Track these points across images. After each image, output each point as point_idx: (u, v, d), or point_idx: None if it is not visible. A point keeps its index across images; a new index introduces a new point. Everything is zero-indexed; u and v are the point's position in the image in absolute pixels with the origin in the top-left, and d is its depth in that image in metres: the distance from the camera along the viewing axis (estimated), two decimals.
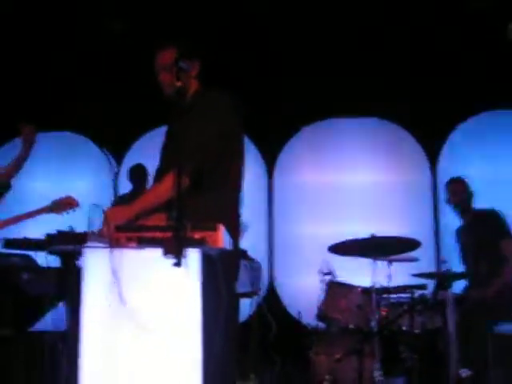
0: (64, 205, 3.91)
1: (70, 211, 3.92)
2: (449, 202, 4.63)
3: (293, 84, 5.75)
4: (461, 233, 4.61)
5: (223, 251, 2.12)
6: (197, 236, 2.03)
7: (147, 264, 2.09)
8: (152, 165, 2.83)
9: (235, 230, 2.58)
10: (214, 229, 2.06)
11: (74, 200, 3.92)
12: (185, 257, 1.98)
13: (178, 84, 2.34)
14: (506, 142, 5.70)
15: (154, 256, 2.04)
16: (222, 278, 2.10)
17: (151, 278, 2.10)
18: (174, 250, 1.94)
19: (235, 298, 2.75)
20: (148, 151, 5.68)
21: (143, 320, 2.05)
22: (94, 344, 2.16)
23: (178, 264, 1.95)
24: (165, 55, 2.66)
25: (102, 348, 2.14)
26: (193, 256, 2.04)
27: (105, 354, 2.14)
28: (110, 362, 2.10)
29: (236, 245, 2.54)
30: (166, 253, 1.96)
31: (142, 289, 2.11)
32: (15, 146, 6.15)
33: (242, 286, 3.87)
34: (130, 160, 5.97)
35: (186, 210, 2.01)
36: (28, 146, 3.97)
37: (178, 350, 2.08)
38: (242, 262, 4.14)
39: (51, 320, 4.03)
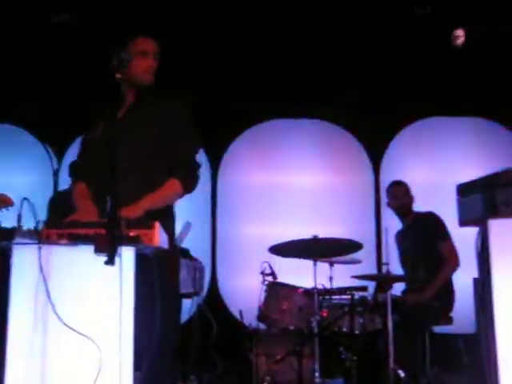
0: None
1: (4, 209, 3.76)
2: (389, 205, 4.67)
3: (238, 85, 5.72)
4: (401, 236, 4.66)
5: (159, 250, 2.05)
6: (131, 233, 1.96)
7: (78, 262, 2.00)
8: None
9: (173, 228, 2.58)
10: (150, 226, 1.99)
11: (8, 198, 3.77)
12: (118, 255, 1.91)
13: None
14: (447, 147, 5.82)
15: (85, 253, 1.95)
16: (158, 277, 2.03)
17: (83, 276, 2.02)
18: (107, 248, 1.86)
19: (175, 297, 2.68)
20: None
21: (72, 320, 1.96)
22: (21, 343, 2.06)
23: (110, 262, 1.88)
24: (155, 43, 2.71)
25: (29, 347, 2.04)
26: (127, 254, 1.97)
27: (31, 353, 2.05)
28: (37, 362, 2.01)
29: (173, 243, 2.50)
30: (98, 250, 1.89)
31: (73, 287, 2.02)
32: None
33: (183, 286, 3.82)
34: (70, 157, 5.80)
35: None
36: None
37: (109, 351, 2.01)
38: (184, 262, 4.10)
39: None
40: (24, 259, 2.05)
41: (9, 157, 6.00)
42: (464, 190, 2.55)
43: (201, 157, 5.72)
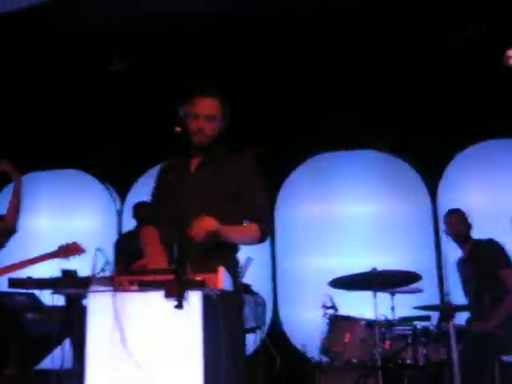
0: (70, 250, 3.98)
1: (76, 257, 3.98)
2: (447, 233, 4.65)
3: (293, 119, 5.82)
4: (461, 264, 4.62)
5: (223, 292, 2.16)
6: (197, 278, 2.07)
7: (149, 306, 2.13)
8: None
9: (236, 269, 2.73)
10: (214, 271, 2.10)
11: (79, 247, 4.00)
12: (186, 299, 2.02)
13: (213, 135, 2.73)
14: (504, 172, 5.72)
15: (155, 298, 2.07)
16: (222, 319, 2.13)
17: (153, 319, 2.14)
18: (176, 292, 1.98)
19: (241, 336, 2.75)
20: (150, 188, 5.78)
21: (145, 362, 2.08)
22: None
23: (179, 306, 1.99)
24: (212, 104, 2.76)
25: None
26: (194, 298, 2.08)
27: None
28: None
29: (237, 283, 2.61)
30: (168, 295, 2.01)
31: (145, 331, 2.15)
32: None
33: (246, 321, 3.92)
34: (133, 197, 6.04)
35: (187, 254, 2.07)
36: (18, 186, 4.05)
37: None
38: (246, 297, 4.19)
39: (56, 359, 4.06)
40: (98, 305, 2.19)
41: (74, 201, 6.28)
42: None
43: None
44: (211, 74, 5.38)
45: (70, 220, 6.18)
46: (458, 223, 4.56)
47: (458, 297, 4.56)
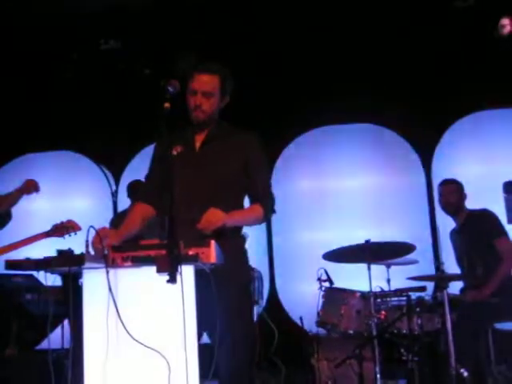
0: (65, 228, 3.98)
1: (72, 234, 3.98)
2: (441, 203, 4.65)
3: (288, 92, 5.82)
4: (455, 235, 4.64)
5: (216, 265, 2.18)
6: (190, 252, 2.10)
7: (143, 281, 2.16)
8: None
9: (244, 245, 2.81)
10: (207, 245, 2.12)
11: (75, 224, 4.00)
12: (179, 273, 2.05)
13: (212, 111, 2.71)
14: (498, 141, 5.74)
15: (149, 273, 2.10)
16: (216, 292, 2.16)
17: (147, 294, 2.17)
18: (168, 267, 2.01)
19: (247, 309, 2.74)
20: (145, 168, 5.78)
21: (140, 336, 2.11)
22: (96, 360, 2.23)
23: (171, 280, 2.02)
24: (209, 80, 2.71)
25: (103, 364, 2.20)
26: (187, 272, 2.11)
27: (106, 369, 2.21)
28: (112, 377, 2.17)
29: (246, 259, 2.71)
30: (160, 270, 2.03)
31: (139, 305, 2.18)
32: (16, 165, 6.39)
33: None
34: (127, 178, 6.05)
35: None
36: (25, 193, 4.07)
37: (176, 362, 2.15)
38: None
39: (56, 338, 4.11)
40: (93, 282, 2.21)
41: (69, 182, 6.30)
42: (511, 187, 2.57)
43: None
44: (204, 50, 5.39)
45: (65, 201, 6.20)
46: (449, 194, 4.55)
47: (454, 266, 4.60)
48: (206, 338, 2.60)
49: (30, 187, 4.09)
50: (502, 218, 4.43)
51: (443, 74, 5.69)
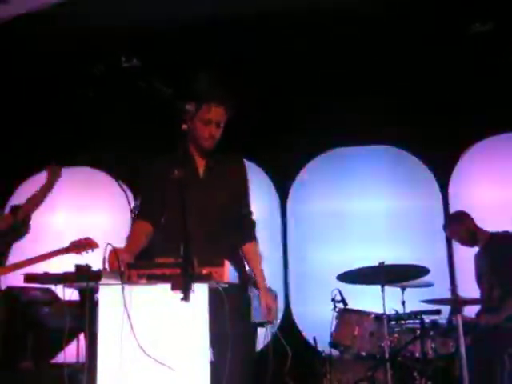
0: (84, 246, 4.04)
1: (89, 252, 4.04)
2: (458, 242, 4.66)
3: (307, 113, 5.86)
4: (477, 258, 4.60)
5: (229, 284, 2.22)
6: (203, 271, 2.14)
7: (157, 299, 2.20)
8: None
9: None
10: (221, 264, 2.17)
11: (93, 241, 4.05)
12: (192, 291, 2.09)
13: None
14: None
15: (163, 291, 2.14)
16: (228, 311, 2.20)
17: (161, 312, 2.21)
18: (182, 285, 2.05)
19: (249, 328, 2.83)
20: None
21: (154, 353, 2.15)
22: (109, 376, 2.26)
23: (185, 298, 2.06)
24: (221, 111, 2.83)
25: (116, 379, 2.24)
26: (200, 290, 2.15)
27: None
28: None
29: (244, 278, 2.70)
30: (174, 288, 2.08)
31: (153, 323, 2.22)
32: (35, 183, 6.49)
33: (256, 315, 3.97)
34: None
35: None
36: (52, 183, 4.13)
37: (189, 381, 2.18)
38: (257, 292, 4.25)
39: (71, 353, 4.15)
40: (109, 298, 2.26)
41: (88, 198, 6.37)
42: None
43: (269, 185, 6.05)
44: (217, 70, 5.46)
45: (83, 217, 6.28)
46: (455, 234, 4.57)
47: (470, 290, 4.58)
48: None
49: (53, 173, 4.14)
50: None
51: (461, 98, 5.69)
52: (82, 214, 6.30)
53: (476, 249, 4.61)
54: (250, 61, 5.55)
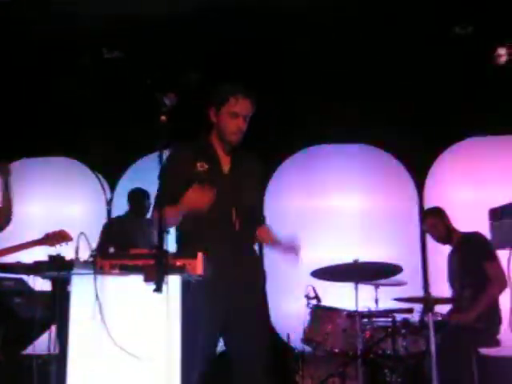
0: (57, 238, 3.99)
1: (63, 244, 3.99)
2: (432, 237, 4.69)
3: (280, 112, 5.86)
4: (450, 257, 4.64)
5: (203, 277, 2.22)
6: (177, 263, 2.13)
7: (130, 290, 2.19)
8: None
9: None
10: (194, 256, 2.16)
11: (67, 234, 3.99)
12: (165, 283, 2.08)
13: None
14: (489, 168, 5.80)
15: (136, 282, 2.14)
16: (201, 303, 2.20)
17: (134, 303, 2.20)
18: (154, 277, 2.04)
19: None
20: (141, 177, 5.83)
21: (125, 344, 2.14)
22: (80, 367, 2.25)
23: (157, 290, 2.05)
24: (248, 104, 2.85)
25: (87, 370, 2.23)
26: (173, 282, 2.15)
27: (90, 376, 2.23)
28: (94, 381, 2.20)
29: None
30: (147, 279, 2.07)
31: (125, 313, 2.21)
32: (14, 169, 6.42)
33: None
34: (123, 186, 6.10)
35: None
36: (6, 181, 4.07)
37: (158, 373, 2.17)
38: None
39: (42, 344, 4.11)
40: (81, 288, 2.25)
41: (64, 188, 6.32)
42: (496, 214, 2.62)
43: None
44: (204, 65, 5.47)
45: (59, 207, 6.23)
46: (432, 228, 4.60)
47: (442, 289, 4.63)
48: None
49: (3, 172, 4.07)
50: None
51: (440, 100, 5.75)
52: (58, 204, 6.25)
53: (448, 248, 4.66)
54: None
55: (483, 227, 4.55)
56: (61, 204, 6.27)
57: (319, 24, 5.28)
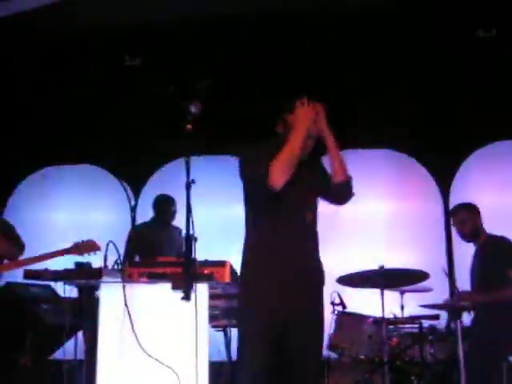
0: (86, 247, 4.02)
1: (92, 254, 4.03)
2: (458, 233, 4.58)
3: None
4: (473, 258, 4.50)
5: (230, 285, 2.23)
6: (205, 271, 2.14)
7: (158, 297, 2.20)
8: None
9: None
10: (222, 265, 2.17)
11: (96, 244, 4.02)
12: (194, 291, 2.09)
13: None
14: None
15: (164, 290, 2.15)
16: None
17: (162, 310, 2.21)
18: (183, 285, 2.05)
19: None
20: (165, 184, 5.87)
21: (154, 351, 2.15)
22: (109, 373, 2.27)
23: (186, 298, 2.06)
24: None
25: (116, 377, 2.24)
26: (201, 290, 2.15)
27: (119, 382, 2.25)
28: None
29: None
30: (175, 287, 2.08)
31: (154, 321, 2.22)
32: (37, 178, 6.52)
33: None
34: (147, 193, 6.14)
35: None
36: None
37: (188, 380, 2.18)
38: None
39: (70, 349, 4.16)
40: (110, 296, 2.26)
41: (88, 196, 6.37)
42: None
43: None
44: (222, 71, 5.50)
45: (84, 214, 6.28)
46: (461, 223, 4.45)
47: None
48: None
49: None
50: None
51: (465, 103, 5.70)
52: (83, 212, 6.30)
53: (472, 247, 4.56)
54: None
55: (508, 231, 4.53)
56: (85, 211, 6.33)
57: (348, 30, 5.29)
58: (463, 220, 4.45)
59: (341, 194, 3.10)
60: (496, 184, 5.76)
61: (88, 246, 4.00)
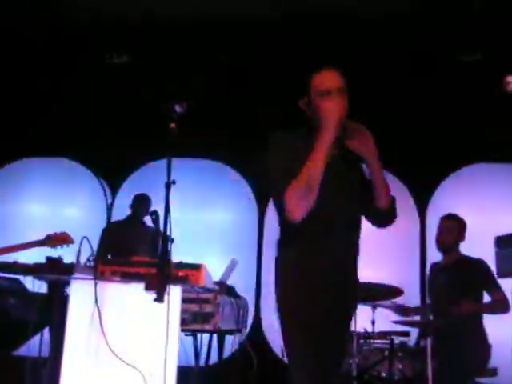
0: (58, 240, 3.96)
1: (64, 246, 3.96)
2: (437, 238, 4.52)
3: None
4: (437, 272, 4.46)
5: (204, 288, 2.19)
6: (180, 273, 2.10)
7: (130, 297, 2.16)
8: None
9: None
10: (197, 267, 2.13)
11: (69, 237, 3.96)
12: (167, 293, 2.05)
13: None
14: (493, 194, 5.79)
15: (137, 290, 2.10)
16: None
17: (133, 310, 2.17)
18: (156, 286, 2.01)
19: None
20: (143, 184, 5.82)
21: (122, 351, 2.11)
22: (74, 372, 2.21)
23: (159, 299, 2.02)
24: (335, 74, 2.42)
25: (81, 376, 2.19)
26: (175, 292, 2.11)
27: (83, 381, 2.19)
28: None
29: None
30: (148, 288, 2.04)
31: (124, 321, 2.17)
32: (12, 170, 6.41)
33: (226, 323, 3.93)
34: (125, 192, 6.08)
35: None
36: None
37: (154, 381, 2.13)
38: (229, 300, 4.21)
39: (34, 345, 4.07)
40: (80, 293, 2.21)
41: (64, 190, 6.29)
42: (503, 242, 2.59)
43: (248, 195, 6.03)
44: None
45: (59, 208, 6.19)
46: (448, 231, 4.39)
47: None
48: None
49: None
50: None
51: (446, 125, 5.76)
52: (58, 206, 6.22)
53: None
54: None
55: (485, 253, 4.54)
56: (61, 205, 6.24)
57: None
58: (451, 228, 4.42)
59: (384, 218, 2.65)
60: (473, 206, 5.79)
61: (61, 239, 3.93)
